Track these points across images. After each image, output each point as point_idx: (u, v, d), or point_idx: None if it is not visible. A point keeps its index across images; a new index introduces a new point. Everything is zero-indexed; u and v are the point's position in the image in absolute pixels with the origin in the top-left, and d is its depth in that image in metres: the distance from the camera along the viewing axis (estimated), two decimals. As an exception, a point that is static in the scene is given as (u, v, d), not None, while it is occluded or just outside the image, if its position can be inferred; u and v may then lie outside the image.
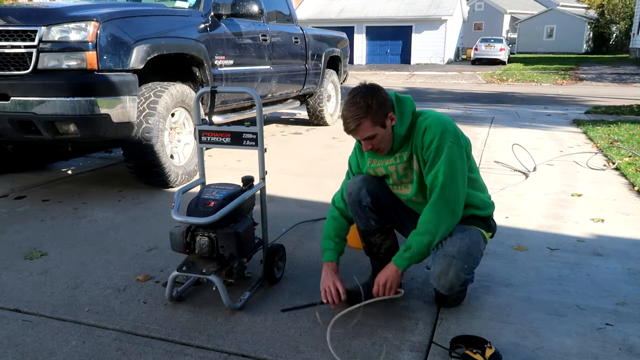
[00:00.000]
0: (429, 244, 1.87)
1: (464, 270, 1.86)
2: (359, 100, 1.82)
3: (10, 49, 3.10)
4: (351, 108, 1.82)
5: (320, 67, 6.35)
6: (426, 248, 1.88)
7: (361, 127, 1.83)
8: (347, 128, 1.86)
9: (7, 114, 3.15)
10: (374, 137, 1.86)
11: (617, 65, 22.98)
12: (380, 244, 2.10)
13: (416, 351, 1.77)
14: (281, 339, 1.85)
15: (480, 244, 1.96)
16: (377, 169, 2.05)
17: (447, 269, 1.85)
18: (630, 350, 1.77)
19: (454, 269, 1.85)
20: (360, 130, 1.84)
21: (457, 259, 1.85)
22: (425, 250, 1.88)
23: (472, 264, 1.92)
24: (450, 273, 1.85)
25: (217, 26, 4.18)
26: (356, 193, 2.03)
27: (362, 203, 2.03)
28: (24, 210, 3.31)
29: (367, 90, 1.84)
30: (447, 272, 1.85)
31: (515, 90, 13.85)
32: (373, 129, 1.84)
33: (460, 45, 33.97)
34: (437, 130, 1.84)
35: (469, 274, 1.92)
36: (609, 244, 2.73)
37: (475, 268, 1.96)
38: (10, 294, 2.19)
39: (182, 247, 2.04)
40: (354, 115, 1.81)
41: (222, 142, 2.20)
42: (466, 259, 1.87)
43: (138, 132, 3.45)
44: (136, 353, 1.77)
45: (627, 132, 5.91)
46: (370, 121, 1.82)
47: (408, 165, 1.96)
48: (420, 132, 1.88)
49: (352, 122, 1.82)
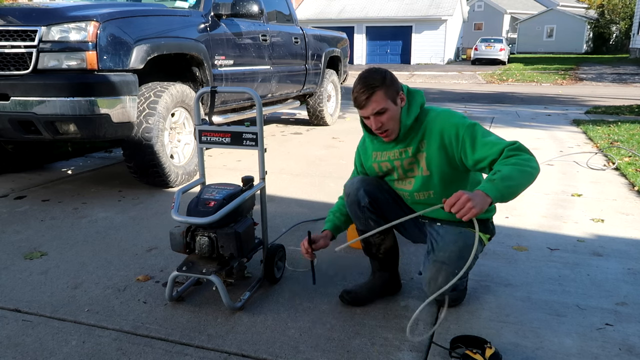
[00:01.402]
0: (527, 175, 1.64)
1: (453, 276, 1.84)
2: (372, 73, 1.81)
3: (10, 49, 3.10)
4: (364, 80, 1.79)
5: (320, 67, 6.35)
6: (522, 179, 1.63)
7: (374, 97, 1.78)
8: (358, 99, 1.81)
9: (7, 114, 3.15)
10: (384, 113, 1.81)
11: (617, 65, 22.98)
12: (379, 244, 2.09)
13: (416, 351, 1.77)
14: (281, 339, 1.85)
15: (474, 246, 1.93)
16: (382, 164, 2.03)
17: (436, 275, 1.85)
18: (630, 350, 1.77)
19: (444, 274, 1.84)
20: (373, 102, 1.79)
21: (447, 265, 1.84)
22: (520, 180, 1.62)
23: (463, 268, 1.86)
24: (439, 279, 1.85)
25: (217, 26, 4.18)
26: (354, 194, 2.03)
27: (360, 204, 2.02)
28: (24, 210, 3.31)
29: (379, 68, 1.86)
30: (437, 278, 1.85)
31: (515, 90, 13.85)
32: (385, 101, 1.80)
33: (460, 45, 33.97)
34: (456, 122, 1.84)
35: (459, 279, 1.89)
36: (609, 244, 2.73)
37: (467, 272, 1.95)
38: (10, 294, 2.19)
39: (182, 247, 2.04)
40: (368, 84, 1.78)
41: (222, 142, 2.20)
42: (457, 265, 1.86)
43: (138, 132, 3.45)
44: (136, 353, 1.77)
45: (627, 132, 5.91)
46: (383, 92, 1.79)
47: (414, 160, 1.94)
48: (434, 130, 1.86)
49: (365, 91, 1.78)
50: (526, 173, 1.65)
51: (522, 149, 1.73)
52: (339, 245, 1.92)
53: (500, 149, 1.72)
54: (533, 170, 1.67)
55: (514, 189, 1.63)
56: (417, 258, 2.51)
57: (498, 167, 1.68)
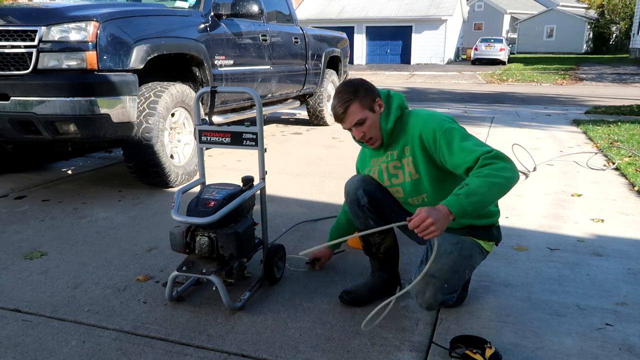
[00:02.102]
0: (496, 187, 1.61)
1: (442, 290, 1.82)
2: (346, 87, 1.88)
3: (10, 49, 3.10)
4: (338, 95, 1.87)
5: (320, 67, 6.35)
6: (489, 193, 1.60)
7: (350, 110, 1.85)
8: (336, 114, 1.89)
9: (7, 114, 3.15)
10: (363, 123, 1.88)
11: (617, 65, 22.98)
12: (379, 244, 2.09)
13: (416, 351, 1.77)
14: (281, 339, 1.85)
15: (471, 258, 1.89)
16: (373, 168, 2.05)
17: (424, 289, 1.82)
18: (630, 350, 1.77)
19: (432, 289, 1.81)
20: (350, 115, 1.86)
21: (437, 279, 1.80)
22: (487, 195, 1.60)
23: (455, 281, 1.86)
24: (427, 293, 1.82)
25: (217, 26, 4.18)
26: (353, 193, 2.04)
27: (360, 202, 2.02)
28: (24, 210, 3.31)
29: (353, 80, 1.94)
30: (425, 292, 1.82)
31: (515, 90, 13.85)
32: (362, 112, 1.86)
33: (460, 45, 33.97)
34: (433, 126, 1.82)
35: (449, 293, 1.87)
36: (609, 244, 2.73)
37: (460, 285, 1.92)
38: (10, 294, 2.19)
39: (182, 247, 2.04)
40: (342, 99, 1.85)
41: (222, 142, 2.20)
42: (448, 278, 1.82)
43: (138, 132, 3.45)
44: (136, 353, 1.77)
45: (627, 132, 5.91)
46: (358, 104, 1.85)
47: (399, 165, 1.95)
48: (415, 133, 1.86)
49: (340, 106, 1.85)
50: (497, 185, 1.62)
51: (499, 156, 1.69)
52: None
53: (475, 157, 1.69)
54: (506, 182, 1.63)
55: (479, 204, 1.61)
56: (417, 258, 2.51)
57: (468, 179, 1.65)
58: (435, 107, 9.34)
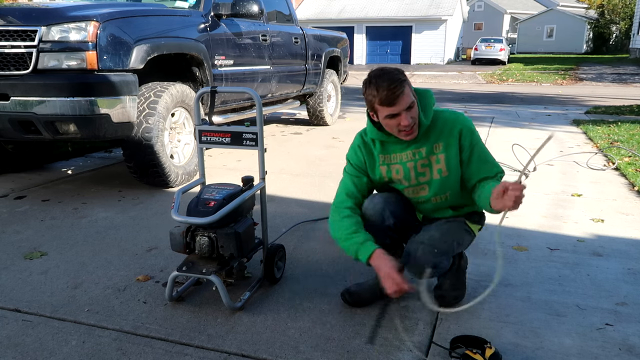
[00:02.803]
0: None
1: (432, 254, 1.83)
2: (392, 70, 1.76)
3: (10, 49, 3.10)
4: (389, 76, 1.73)
5: (320, 67, 6.35)
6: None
7: (406, 90, 1.73)
8: (391, 95, 1.71)
9: (7, 114, 3.15)
10: (413, 107, 1.78)
11: (617, 65, 22.98)
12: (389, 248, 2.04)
13: (416, 351, 1.77)
14: (281, 339, 1.85)
15: (457, 233, 1.96)
16: (393, 167, 1.95)
17: (415, 252, 1.84)
18: (630, 350, 1.77)
19: (421, 251, 1.83)
20: (405, 96, 1.73)
21: (425, 244, 1.85)
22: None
23: (444, 248, 1.87)
24: (418, 253, 1.83)
25: (217, 26, 4.18)
26: (379, 214, 1.94)
27: (384, 224, 1.95)
28: (24, 210, 3.31)
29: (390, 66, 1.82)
30: (415, 254, 1.84)
31: (515, 90, 13.85)
32: (412, 95, 1.78)
33: (460, 45, 33.97)
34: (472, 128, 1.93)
35: (438, 257, 1.84)
36: (609, 244, 2.73)
37: (449, 254, 1.91)
38: (10, 294, 2.19)
39: (182, 247, 2.04)
40: (396, 79, 1.72)
41: (222, 142, 2.20)
42: (436, 244, 1.86)
43: (138, 132, 3.45)
44: (136, 353, 1.77)
45: (627, 132, 5.91)
46: (409, 86, 1.77)
47: (428, 162, 1.91)
48: (454, 130, 1.90)
49: (397, 85, 1.71)
50: None
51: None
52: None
53: (495, 172, 1.94)
54: None
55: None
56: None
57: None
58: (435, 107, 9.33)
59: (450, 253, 1.94)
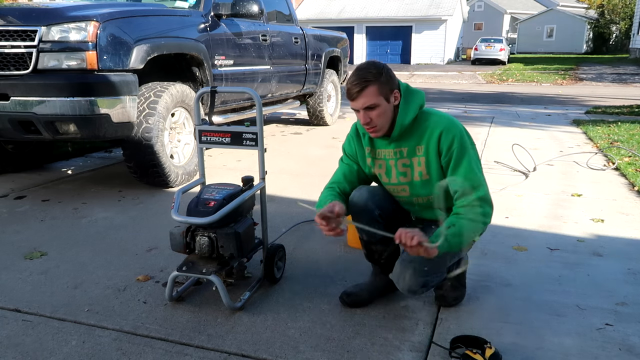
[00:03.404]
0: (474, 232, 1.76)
1: (421, 273, 1.80)
2: (369, 66, 1.76)
3: (10, 49, 3.10)
4: (360, 72, 1.74)
5: (320, 67, 6.35)
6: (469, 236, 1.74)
7: (366, 91, 1.73)
8: (350, 91, 1.76)
9: (7, 114, 3.15)
10: (374, 109, 1.77)
11: (617, 65, 22.98)
12: (382, 251, 2.05)
13: (416, 351, 1.77)
14: (281, 339, 1.85)
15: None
16: (377, 161, 1.96)
17: (404, 273, 1.81)
18: (630, 350, 1.77)
19: (411, 272, 1.80)
20: (364, 96, 1.74)
21: (416, 263, 1.79)
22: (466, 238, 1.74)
23: (434, 265, 1.82)
24: (407, 276, 1.80)
25: (217, 26, 4.18)
26: (363, 203, 1.95)
27: (370, 214, 1.95)
28: (24, 210, 3.31)
29: (378, 62, 1.80)
30: (405, 275, 1.81)
31: (515, 90, 13.85)
32: (377, 97, 1.75)
33: (460, 45, 33.97)
34: (455, 133, 1.80)
35: (428, 275, 1.82)
36: (609, 244, 2.73)
37: (443, 269, 1.87)
38: (10, 294, 2.19)
39: (182, 247, 2.04)
40: (362, 77, 1.73)
41: (222, 142, 2.20)
42: (427, 262, 1.78)
43: (138, 132, 3.45)
44: (136, 353, 1.77)
45: (627, 132, 5.91)
46: (377, 88, 1.74)
47: (409, 163, 1.90)
48: (434, 133, 1.81)
49: (358, 84, 1.73)
50: (477, 230, 1.78)
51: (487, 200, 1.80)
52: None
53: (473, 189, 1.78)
54: (484, 226, 1.80)
55: (460, 245, 1.75)
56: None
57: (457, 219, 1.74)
58: (436, 107, 9.32)
59: (444, 268, 1.88)
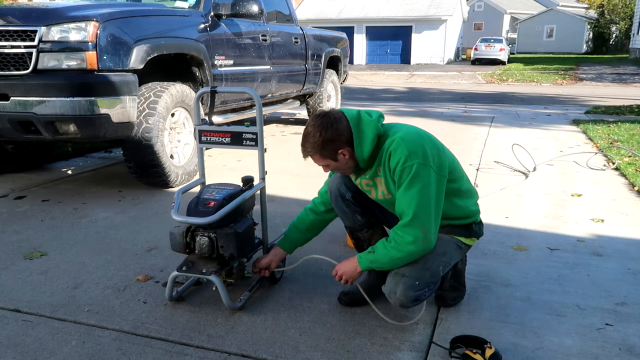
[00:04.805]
0: (397, 259, 1.79)
1: (413, 288, 1.78)
2: (308, 134, 1.82)
3: (10, 49, 3.10)
4: (303, 139, 1.85)
5: (320, 67, 6.35)
6: (390, 263, 1.82)
7: (312, 158, 1.88)
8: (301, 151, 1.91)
9: (7, 114, 3.15)
10: (327, 165, 1.90)
11: (617, 65, 22.98)
12: (369, 239, 2.07)
13: (416, 351, 1.78)
14: (281, 339, 1.85)
15: (445, 254, 1.87)
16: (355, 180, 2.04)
17: (395, 288, 1.81)
18: (630, 350, 1.77)
19: (402, 287, 1.79)
20: (313, 160, 1.89)
21: (407, 277, 1.79)
22: (388, 264, 1.83)
23: (427, 278, 1.81)
24: (398, 292, 1.80)
25: (217, 26, 4.18)
26: (336, 188, 2.04)
27: (345, 197, 2.03)
28: (24, 210, 3.31)
29: (324, 124, 1.79)
30: (396, 290, 1.80)
31: (515, 90, 13.85)
32: (323, 160, 1.87)
33: (460, 45, 33.97)
34: (402, 154, 1.75)
35: (420, 289, 1.81)
36: (609, 244, 2.73)
37: (435, 280, 1.85)
38: (10, 294, 2.19)
39: (182, 247, 2.04)
40: (305, 148, 1.86)
41: (222, 142, 2.20)
42: (419, 276, 1.79)
43: (138, 132, 3.45)
44: (136, 353, 1.77)
45: (627, 132, 5.91)
46: (318, 156, 1.85)
47: (373, 183, 1.94)
48: (386, 155, 1.81)
49: (304, 152, 1.88)
50: (397, 259, 1.80)
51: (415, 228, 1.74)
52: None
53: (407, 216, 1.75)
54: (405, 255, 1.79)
55: (381, 268, 1.88)
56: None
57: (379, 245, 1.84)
58: (435, 107, 9.35)
59: (436, 278, 1.85)
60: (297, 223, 2.20)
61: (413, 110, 8.83)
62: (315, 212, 2.17)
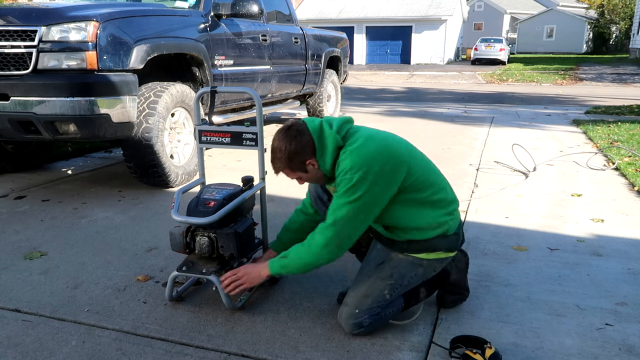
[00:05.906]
0: (308, 264, 1.82)
1: (352, 316, 1.82)
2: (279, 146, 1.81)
3: (10, 49, 3.10)
4: (274, 153, 1.84)
5: (320, 67, 6.35)
6: (303, 267, 1.84)
7: (284, 172, 1.89)
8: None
9: (7, 114, 3.15)
10: (300, 178, 1.92)
11: (617, 65, 22.98)
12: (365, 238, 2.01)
13: (416, 351, 1.78)
14: (281, 339, 1.85)
15: (391, 277, 1.84)
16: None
17: (339, 318, 1.89)
18: (630, 350, 1.77)
19: (344, 317, 1.86)
20: (285, 175, 1.90)
21: (347, 306, 1.85)
22: (301, 268, 1.84)
23: (368, 305, 1.82)
24: (341, 321, 1.88)
25: (217, 26, 4.18)
26: (314, 190, 2.10)
27: (322, 199, 2.06)
28: (24, 210, 3.31)
29: (288, 137, 1.80)
30: (340, 320, 1.88)
31: (515, 90, 13.85)
32: (294, 173, 1.88)
33: (460, 45, 33.97)
34: (346, 165, 1.73)
35: (361, 317, 1.81)
36: (609, 244, 2.73)
37: (380, 305, 1.83)
38: (10, 294, 2.19)
39: (182, 247, 2.04)
40: (274, 164, 1.87)
41: (222, 142, 2.20)
42: (358, 304, 1.82)
43: (138, 132, 3.45)
44: (136, 353, 1.77)
45: (627, 132, 5.91)
46: (289, 170, 1.86)
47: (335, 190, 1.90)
48: (337, 164, 1.80)
49: (274, 168, 1.89)
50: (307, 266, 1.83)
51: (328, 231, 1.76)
52: None
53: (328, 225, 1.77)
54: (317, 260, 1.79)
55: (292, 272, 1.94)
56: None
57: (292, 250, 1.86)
58: (435, 107, 9.34)
59: (381, 303, 1.83)
60: (288, 224, 2.20)
61: (413, 110, 8.83)
62: (305, 213, 2.17)
